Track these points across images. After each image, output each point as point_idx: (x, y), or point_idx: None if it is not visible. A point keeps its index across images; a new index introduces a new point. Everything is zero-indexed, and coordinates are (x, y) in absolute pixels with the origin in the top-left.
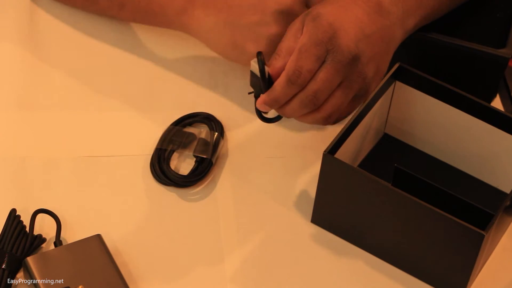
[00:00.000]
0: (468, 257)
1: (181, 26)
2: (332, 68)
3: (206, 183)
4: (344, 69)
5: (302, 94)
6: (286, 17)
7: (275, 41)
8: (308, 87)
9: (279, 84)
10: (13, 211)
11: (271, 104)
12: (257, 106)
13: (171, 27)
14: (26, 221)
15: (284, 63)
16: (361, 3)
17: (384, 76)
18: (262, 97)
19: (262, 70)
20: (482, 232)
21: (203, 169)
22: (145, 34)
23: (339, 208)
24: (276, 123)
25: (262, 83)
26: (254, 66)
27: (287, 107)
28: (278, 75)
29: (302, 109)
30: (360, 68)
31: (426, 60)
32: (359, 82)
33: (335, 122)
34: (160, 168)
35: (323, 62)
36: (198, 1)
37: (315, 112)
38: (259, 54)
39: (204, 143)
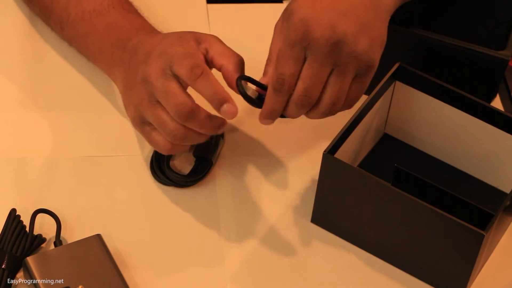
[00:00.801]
0: (468, 257)
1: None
2: (314, 62)
3: (206, 183)
4: (328, 59)
5: (294, 97)
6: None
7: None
8: (297, 88)
9: (268, 96)
10: (13, 211)
11: (270, 117)
12: (261, 122)
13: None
14: (26, 221)
15: None
16: None
17: (384, 76)
18: (261, 113)
19: (243, 93)
20: (482, 232)
21: (203, 169)
22: None
23: (339, 208)
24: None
25: (253, 104)
26: (240, 91)
27: (287, 112)
28: None
29: (300, 109)
30: (348, 49)
31: (426, 60)
32: (353, 62)
33: (347, 107)
34: (160, 168)
35: (305, 59)
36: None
37: (317, 107)
38: (238, 79)
39: (204, 143)
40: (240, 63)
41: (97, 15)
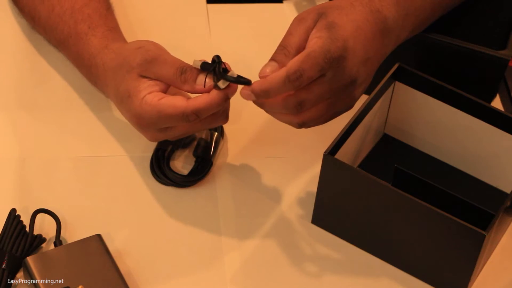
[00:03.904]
0: (469, 257)
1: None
2: (328, 85)
3: (206, 183)
4: (338, 89)
5: (289, 98)
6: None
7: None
8: (298, 93)
9: (276, 78)
10: (13, 211)
11: (259, 95)
12: (243, 94)
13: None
14: (26, 221)
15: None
16: (371, 19)
17: (383, 76)
18: (253, 85)
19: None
20: (483, 232)
21: (203, 169)
22: (145, 33)
23: (339, 209)
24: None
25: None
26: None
27: (269, 102)
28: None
29: (282, 109)
30: (352, 91)
31: (426, 60)
32: (346, 103)
33: (306, 127)
34: (160, 168)
35: (322, 75)
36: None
37: (292, 115)
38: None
39: (204, 143)
40: (182, 70)
41: (64, 47)
